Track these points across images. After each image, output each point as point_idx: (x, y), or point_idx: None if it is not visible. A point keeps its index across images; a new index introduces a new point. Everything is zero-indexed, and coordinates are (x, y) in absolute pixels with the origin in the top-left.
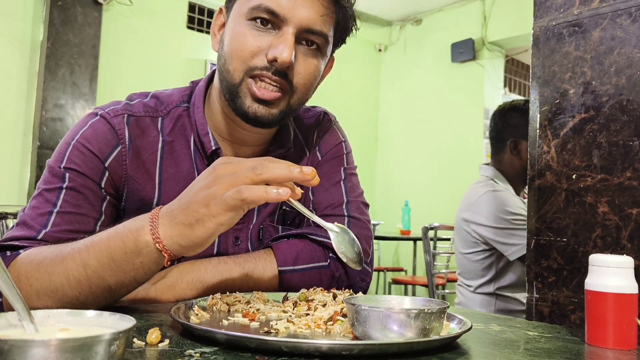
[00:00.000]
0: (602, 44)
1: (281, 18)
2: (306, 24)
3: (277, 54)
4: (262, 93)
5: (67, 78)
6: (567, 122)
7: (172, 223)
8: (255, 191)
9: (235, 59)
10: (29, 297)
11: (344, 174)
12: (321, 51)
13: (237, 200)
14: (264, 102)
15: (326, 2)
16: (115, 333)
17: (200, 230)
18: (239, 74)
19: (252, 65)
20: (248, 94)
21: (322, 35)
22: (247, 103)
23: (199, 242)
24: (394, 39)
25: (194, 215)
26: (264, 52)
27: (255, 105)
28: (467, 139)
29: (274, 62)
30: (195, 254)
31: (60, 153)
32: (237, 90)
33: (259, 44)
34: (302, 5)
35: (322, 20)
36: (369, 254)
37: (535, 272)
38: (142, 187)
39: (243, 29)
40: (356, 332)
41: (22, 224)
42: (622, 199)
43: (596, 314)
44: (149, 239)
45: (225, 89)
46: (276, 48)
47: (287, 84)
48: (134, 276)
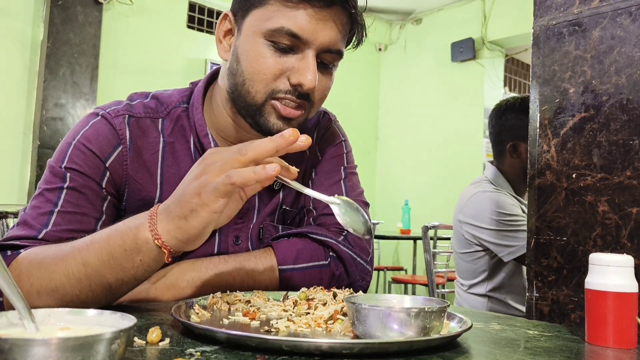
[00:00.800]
0: (602, 43)
1: (303, 41)
2: (327, 45)
3: (302, 80)
4: (287, 112)
5: (67, 77)
6: (567, 121)
7: (169, 217)
8: (243, 173)
9: (257, 82)
10: (30, 296)
11: (344, 173)
12: (335, 65)
13: (227, 185)
14: (287, 119)
15: (344, 22)
16: (116, 332)
17: (195, 221)
18: (261, 95)
19: (275, 88)
20: (273, 112)
21: (339, 54)
22: (272, 121)
23: (196, 234)
24: (394, 38)
25: (188, 206)
26: (286, 74)
27: (279, 122)
28: (467, 138)
29: (298, 87)
30: (195, 248)
31: (61, 153)
32: (261, 109)
33: (281, 67)
34: (323, 29)
35: (340, 39)
36: (369, 253)
37: (535, 271)
38: (143, 187)
39: (262, 50)
40: (356, 331)
41: (22, 224)
42: (622, 198)
43: (596, 312)
44: (148, 235)
45: (244, 106)
46: (301, 74)
47: (308, 103)
48: (134, 274)
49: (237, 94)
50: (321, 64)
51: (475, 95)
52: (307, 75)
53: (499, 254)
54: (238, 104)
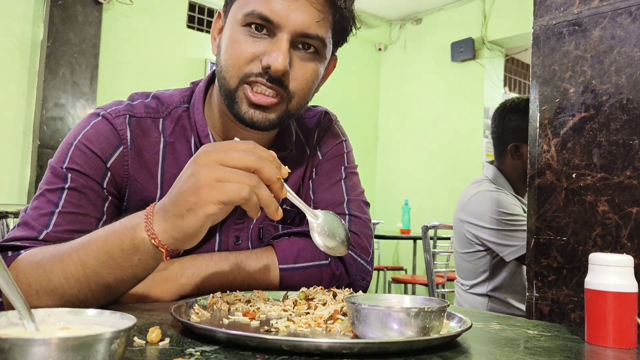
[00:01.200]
0: (602, 43)
1: (275, 24)
2: (300, 29)
3: (270, 61)
4: (257, 98)
5: (67, 77)
6: (567, 121)
7: (165, 217)
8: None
9: (231, 66)
10: (29, 296)
11: (344, 173)
12: (319, 54)
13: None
14: (260, 107)
15: (320, 5)
16: (116, 332)
17: (192, 220)
18: (234, 80)
19: (247, 72)
20: (244, 99)
21: (319, 39)
22: (244, 109)
23: (192, 233)
24: (394, 38)
25: (184, 205)
26: (259, 58)
27: (251, 110)
28: (467, 138)
29: (268, 70)
30: (192, 246)
31: (62, 153)
32: (234, 95)
33: (253, 51)
34: (296, 10)
35: (317, 24)
36: (370, 253)
37: (535, 271)
38: (144, 187)
39: (238, 35)
40: (356, 330)
41: (23, 224)
42: (622, 198)
43: (596, 312)
44: (144, 235)
45: (224, 94)
46: (270, 55)
47: (282, 90)
48: (132, 273)
49: (220, 84)
50: (302, 49)
51: (475, 95)
52: (277, 57)
53: (501, 253)
54: (222, 95)
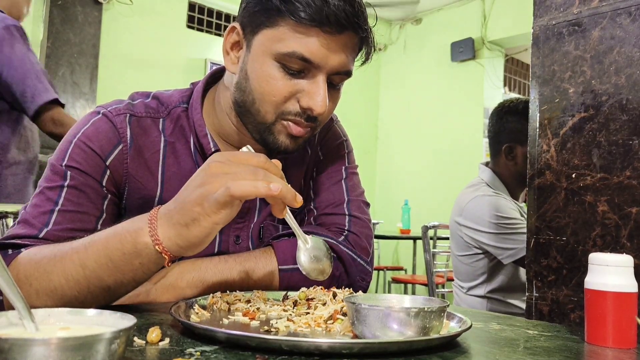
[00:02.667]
0: (602, 43)
1: (314, 65)
2: (337, 69)
3: (312, 105)
4: (297, 131)
5: (67, 77)
6: (566, 121)
7: (170, 223)
8: (243, 186)
9: (267, 103)
10: (29, 296)
11: (345, 173)
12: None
13: (226, 197)
14: (295, 138)
15: (355, 44)
16: (115, 332)
17: (197, 230)
18: (271, 116)
19: (285, 111)
20: (283, 131)
21: (348, 74)
22: (281, 139)
23: (197, 242)
24: (393, 38)
25: (190, 214)
26: (296, 97)
27: (287, 140)
28: (466, 138)
29: (308, 110)
30: (195, 253)
31: (62, 151)
32: (270, 129)
33: (291, 90)
34: (335, 53)
35: (351, 62)
36: (369, 254)
37: (535, 271)
38: (143, 185)
39: (272, 72)
40: (356, 330)
41: (23, 222)
42: (621, 198)
43: (596, 312)
44: (148, 240)
45: (252, 124)
46: (311, 99)
47: (315, 124)
48: (133, 276)
49: (246, 111)
50: (330, 84)
51: (475, 95)
52: (318, 100)
53: (499, 256)
54: (245, 120)
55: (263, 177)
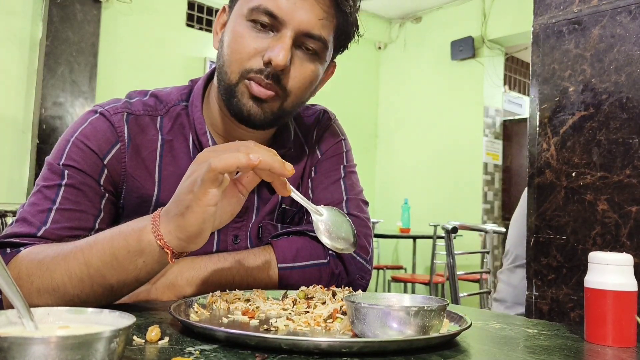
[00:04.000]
0: (602, 41)
1: (280, 20)
2: (305, 27)
3: (272, 56)
4: (258, 90)
5: (66, 76)
6: (566, 119)
7: (168, 217)
8: (224, 158)
9: (233, 62)
10: (30, 295)
11: (343, 172)
12: (319, 56)
13: (209, 173)
14: (258, 99)
15: (326, 6)
16: (115, 330)
17: (191, 217)
18: (235, 75)
19: (248, 67)
20: (246, 92)
21: (321, 40)
22: (244, 101)
23: (195, 231)
24: (393, 36)
25: (183, 203)
26: (261, 54)
27: (250, 102)
28: (466, 137)
29: (268, 65)
30: (197, 248)
31: (60, 150)
32: (234, 90)
33: (256, 46)
34: (301, 8)
35: (320, 24)
36: (369, 252)
37: (535, 269)
38: (141, 184)
39: (242, 30)
40: (356, 329)
41: (21, 221)
42: (621, 197)
43: (595, 311)
44: (151, 237)
45: (223, 89)
46: (272, 50)
47: (279, 87)
48: (136, 276)
49: (220, 78)
50: (303, 50)
51: (475, 93)
52: (279, 52)
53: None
54: (220, 90)
55: (244, 151)
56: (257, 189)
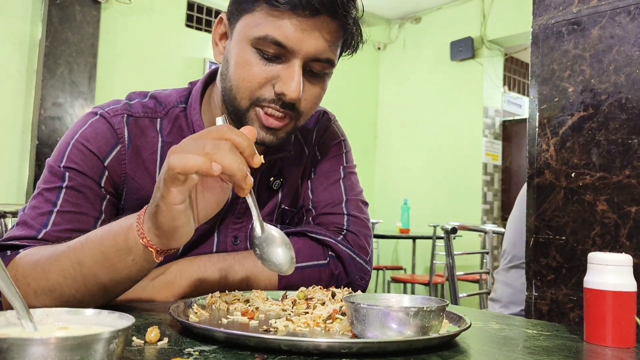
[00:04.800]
0: (601, 42)
1: (289, 50)
2: (313, 54)
3: (285, 90)
4: (270, 122)
5: (65, 76)
6: (566, 120)
7: (147, 215)
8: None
9: (242, 88)
10: (27, 296)
11: (343, 173)
12: (328, 75)
13: (169, 172)
14: (271, 129)
15: (333, 30)
16: (114, 331)
17: (161, 215)
18: (245, 102)
19: (260, 97)
20: (256, 121)
21: (329, 62)
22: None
23: (168, 229)
24: (393, 37)
25: (154, 202)
26: (271, 82)
27: (262, 132)
28: (466, 138)
29: (281, 96)
30: (178, 246)
31: (60, 152)
32: (245, 116)
33: (266, 75)
34: (309, 37)
35: (329, 49)
36: (368, 253)
37: (534, 270)
38: (141, 186)
39: (248, 57)
40: (355, 330)
41: (22, 224)
42: (621, 197)
43: (595, 312)
44: (136, 235)
45: (232, 111)
46: (285, 84)
47: (293, 112)
48: (127, 274)
49: (227, 98)
50: (310, 72)
51: (474, 94)
52: (291, 85)
53: None
54: (228, 109)
55: (211, 151)
56: (256, 189)
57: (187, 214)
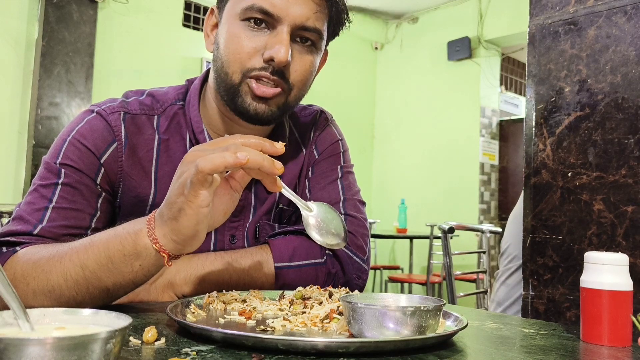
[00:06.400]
0: (598, 42)
1: (275, 17)
2: (300, 21)
3: (273, 54)
4: (261, 91)
5: (62, 76)
6: (562, 120)
7: (162, 221)
8: (211, 159)
9: (232, 61)
10: (26, 296)
11: (340, 173)
12: (315, 46)
13: (197, 175)
14: (263, 99)
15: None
16: (111, 331)
17: (185, 220)
18: (237, 75)
19: (250, 67)
20: (249, 92)
21: (316, 32)
22: (248, 101)
23: (190, 233)
24: (390, 37)
25: (176, 206)
26: (260, 52)
27: (255, 103)
28: (463, 137)
29: (270, 62)
30: (194, 250)
31: (56, 149)
32: (237, 90)
33: (255, 45)
34: (295, 4)
35: (315, 16)
36: (366, 252)
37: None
38: (137, 184)
39: (237, 30)
40: (352, 329)
41: (18, 219)
42: (617, 197)
43: (591, 311)
44: (147, 241)
45: (224, 90)
46: (272, 48)
47: (284, 82)
48: (132, 278)
49: (219, 80)
50: (300, 42)
51: (471, 94)
52: (279, 49)
53: None
54: (220, 91)
55: (232, 149)
56: (254, 188)
57: (208, 217)
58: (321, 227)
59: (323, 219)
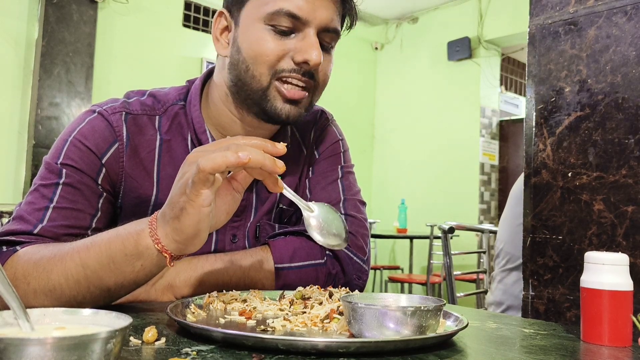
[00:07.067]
0: (598, 42)
1: (302, 21)
2: (325, 23)
3: (307, 57)
4: (292, 94)
5: (62, 76)
6: (562, 120)
7: (165, 221)
8: (212, 158)
9: (260, 64)
10: (26, 295)
11: (341, 173)
12: (333, 47)
13: (199, 174)
14: (294, 102)
15: (338, 2)
16: (111, 331)
17: (186, 219)
18: (265, 77)
19: (279, 69)
20: (278, 96)
21: (336, 32)
22: (279, 105)
23: (191, 233)
24: (390, 37)
25: (177, 206)
26: (289, 54)
27: (287, 106)
28: (463, 137)
29: (303, 65)
30: (196, 250)
31: (57, 149)
32: (266, 93)
33: (283, 48)
34: (320, 7)
35: (336, 19)
36: (366, 252)
37: (531, 269)
38: (139, 184)
39: (263, 34)
40: (352, 329)
41: (18, 219)
42: (617, 197)
43: (591, 311)
44: (149, 242)
45: (248, 93)
46: (306, 52)
47: (312, 82)
48: (134, 278)
49: (242, 83)
50: (321, 45)
51: (471, 94)
52: (312, 51)
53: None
54: (242, 94)
55: (234, 149)
56: (255, 188)
57: (210, 217)
58: (322, 227)
59: (324, 219)
